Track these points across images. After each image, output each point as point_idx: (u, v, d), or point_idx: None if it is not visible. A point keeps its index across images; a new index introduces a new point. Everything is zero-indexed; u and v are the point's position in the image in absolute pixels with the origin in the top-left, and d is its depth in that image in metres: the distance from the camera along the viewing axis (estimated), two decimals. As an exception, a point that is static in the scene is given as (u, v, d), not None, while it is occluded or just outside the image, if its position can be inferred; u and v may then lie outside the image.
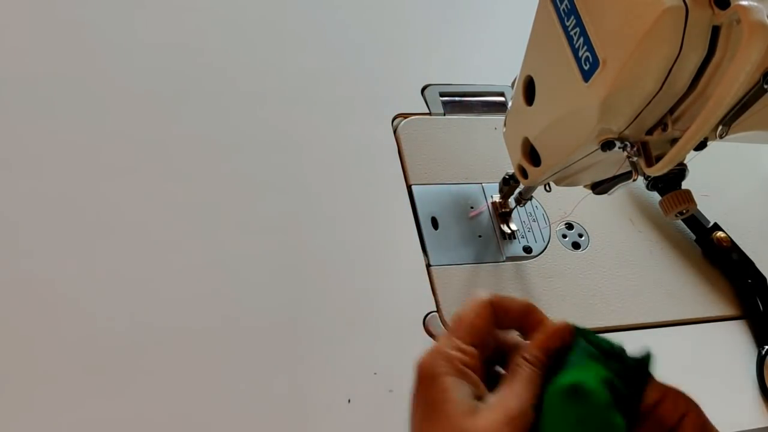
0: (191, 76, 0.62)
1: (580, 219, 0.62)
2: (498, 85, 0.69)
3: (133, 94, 0.59)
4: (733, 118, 0.39)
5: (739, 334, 0.59)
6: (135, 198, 0.52)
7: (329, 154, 0.60)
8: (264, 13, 0.69)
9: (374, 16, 0.72)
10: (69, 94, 0.57)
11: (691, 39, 0.34)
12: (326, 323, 0.51)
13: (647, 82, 0.36)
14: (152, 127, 0.57)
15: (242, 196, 0.55)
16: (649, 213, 0.64)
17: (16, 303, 0.47)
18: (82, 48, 0.60)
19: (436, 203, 0.59)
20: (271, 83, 0.63)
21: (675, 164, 0.38)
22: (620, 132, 0.40)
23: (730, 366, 0.56)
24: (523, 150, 0.49)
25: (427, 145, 0.63)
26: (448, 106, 0.66)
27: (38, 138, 0.54)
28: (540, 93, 0.45)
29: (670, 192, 0.42)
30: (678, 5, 0.33)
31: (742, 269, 0.61)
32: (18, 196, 0.51)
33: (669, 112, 0.38)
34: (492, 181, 0.62)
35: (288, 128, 0.61)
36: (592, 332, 0.37)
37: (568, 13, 0.39)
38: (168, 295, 0.50)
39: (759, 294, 0.60)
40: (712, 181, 0.67)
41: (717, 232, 0.62)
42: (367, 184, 0.59)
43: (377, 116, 0.64)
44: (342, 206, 0.57)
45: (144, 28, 0.64)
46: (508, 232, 0.59)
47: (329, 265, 0.54)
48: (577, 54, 0.39)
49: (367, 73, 0.67)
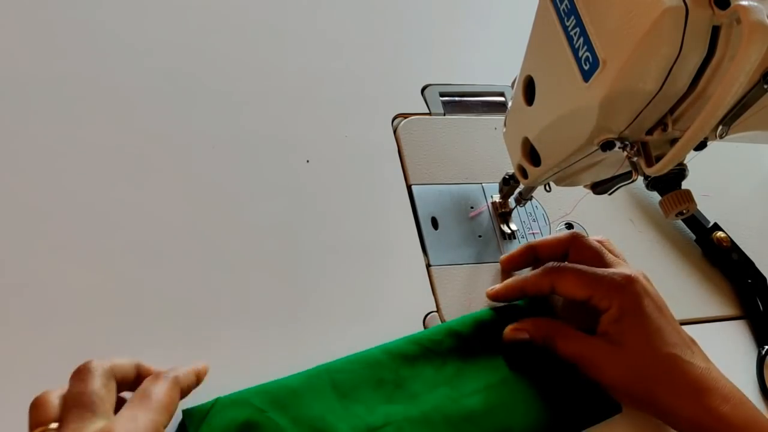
0: (191, 76, 0.62)
1: (580, 219, 0.62)
2: (498, 85, 0.69)
3: (132, 94, 0.59)
4: (733, 118, 0.39)
5: (739, 334, 0.59)
6: (135, 198, 0.52)
7: (329, 154, 0.60)
8: (264, 13, 0.69)
9: (374, 16, 0.72)
10: (68, 94, 0.57)
11: (691, 39, 0.34)
12: (326, 323, 0.51)
13: (647, 82, 0.36)
14: (152, 127, 0.57)
15: (242, 196, 0.55)
16: (649, 213, 0.64)
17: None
18: (83, 48, 0.60)
19: (436, 203, 0.59)
20: (271, 83, 0.63)
21: (675, 164, 0.38)
22: (620, 132, 0.40)
23: (730, 366, 0.56)
24: (523, 150, 0.49)
25: (427, 145, 0.63)
26: (448, 106, 0.66)
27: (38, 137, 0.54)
28: (540, 93, 0.45)
29: (670, 192, 0.42)
30: (678, 5, 0.33)
31: (742, 269, 0.61)
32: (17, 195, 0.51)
33: (669, 112, 0.38)
34: (492, 181, 0.62)
35: (288, 128, 0.61)
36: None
37: (568, 13, 0.39)
38: (166, 296, 0.50)
39: (759, 294, 0.60)
40: (712, 181, 0.67)
41: (717, 232, 0.62)
42: (367, 184, 0.59)
43: (377, 116, 0.64)
44: (342, 206, 0.57)
45: (144, 28, 0.64)
46: (508, 232, 0.59)
47: (329, 264, 0.54)
48: (577, 54, 0.39)
49: (367, 73, 0.67)
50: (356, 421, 0.45)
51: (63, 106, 0.56)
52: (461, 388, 0.48)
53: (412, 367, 0.48)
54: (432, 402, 0.47)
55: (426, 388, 0.48)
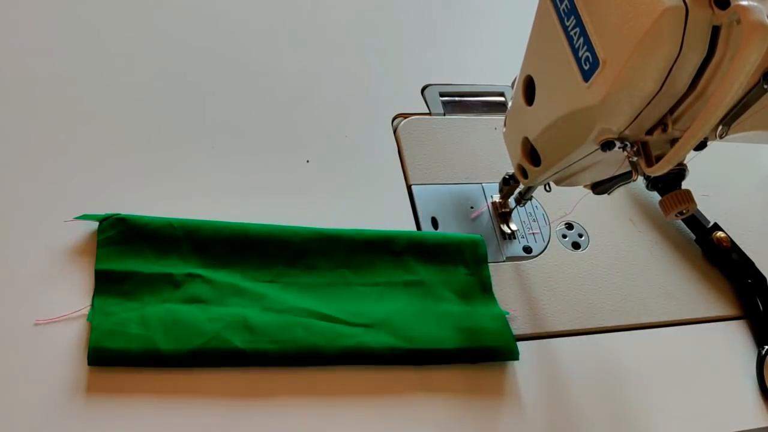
0: (191, 76, 0.62)
1: (580, 219, 0.62)
2: (498, 85, 0.69)
3: (133, 94, 0.59)
4: (733, 118, 0.39)
5: (739, 334, 0.59)
6: (134, 198, 0.52)
7: (329, 154, 0.60)
8: (264, 13, 0.69)
9: (374, 16, 0.72)
10: (67, 93, 0.57)
11: (691, 39, 0.34)
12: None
13: (647, 82, 0.36)
14: (151, 127, 0.57)
15: (242, 196, 0.55)
16: (649, 213, 0.64)
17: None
18: (82, 48, 0.60)
19: (436, 203, 0.59)
20: (272, 83, 0.63)
21: (675, 164, 0.38)
22: (620, 132, 0.40)
23: (730, 366, 0.56)
24: (523, 150, 0.49)
25: (427, 145, 0.63)
26: (448, 106, 0.66)
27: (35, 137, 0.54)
28: (540, 93, 0.45)
29: (670, 192, 0.42)
30: (678, 5, 0.33)
31: (742, 269, 0.61)
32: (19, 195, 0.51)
33: (669, 112, 0.38)
34: (492, 181, 0.62)
35: (288, 128, 0.61)
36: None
37: (568, 13, 0.39)
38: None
39: (759, 294, 0.60)
40: (712, 181, 0.67)
41: (717, 232, 0.62)
42: (367, 184, 0.59)
43: (377, 116, 0.64)
44: (342, 206, 0.57)
45: (145, 28, 0.64)
46: (508, 232, 0.59)
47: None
48: (577, 54, 0.39)
49: (367, 73, 0.67)
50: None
51: (61, 106, 0.56)
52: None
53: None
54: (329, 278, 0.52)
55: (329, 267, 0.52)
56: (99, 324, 0.45)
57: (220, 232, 0.51)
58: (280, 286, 0.50)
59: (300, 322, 0.48)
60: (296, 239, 0.52)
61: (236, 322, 0.47)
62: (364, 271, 0.53)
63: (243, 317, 0.47)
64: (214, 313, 0.47)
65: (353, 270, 0.52)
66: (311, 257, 0.52)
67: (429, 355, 0.49)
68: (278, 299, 0.49)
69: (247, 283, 0.49)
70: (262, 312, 0.48)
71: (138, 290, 0.47)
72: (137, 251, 0.49)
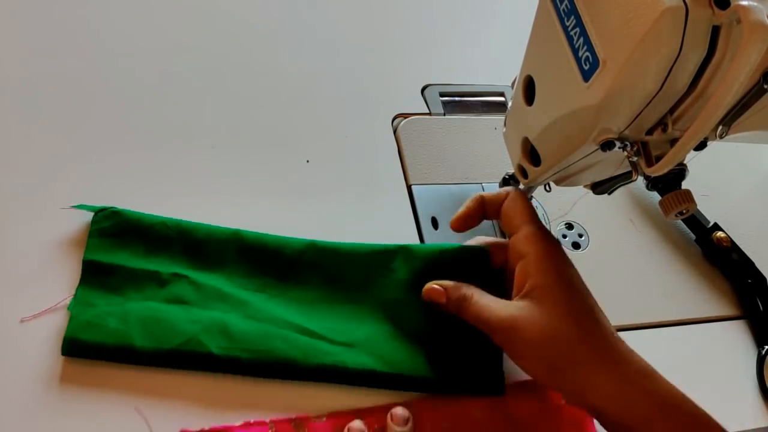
0: (191, 76, 0.62)
1: (580, 219, 0.62)
2: (498, 85, 0.69)
3: (133, 94, 0.59)
4: (733, 118, 0.39)
5: (739, 334, 0.59)
6: (134, 198, 0.52)
7: (329, 154, 0.60)
8: (264, 13, 0.69)
9: (374, 17, 0.72)
10: (66, 93, 0.57)
11: (691, 39, 0.34)
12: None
13: (647, 82, 0.36)
14: (151, 126, 0.57)
15: (242, 196, 0.55)
16: (649, 213, 0.64)
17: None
18: (82, 48, 0.60)
19: (436, 203, 0.59)
20: (272, 83, 0.63)
21: (675, 164, 0.38)
22: (620, 132, 0.40)
23: (730, 366, 0.56)
24: (523, 150, 0.49)
25: (427, 145, 0.63)
26: (448, 106, 0.66)
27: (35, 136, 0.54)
28: (540, 93, 0.45)
29: (670, 192, 0.42)
30: (678, 5, 0.33)
31: (742, 269, 0.61)
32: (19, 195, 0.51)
33: (669, 112, 0.38)
34: (492, 181, 0.62)
35: (288, 128, 0.61)
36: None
37: (568, 13, 0.39)
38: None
39: (759, 294, 0.60)
40: (712, 181, 0.67)
41: (717, 232, 0.62)
42: (367, 184, 0.59)
43: (377, 116, 0.64)
44: (342, 206, 0.57)
45: (145, 27, 0.64)
46: (508, 232, 0.59)
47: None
48: (577, 54, 0.39)
49: (367, 73, 0.67)
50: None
51: (61, 106, 0.56)
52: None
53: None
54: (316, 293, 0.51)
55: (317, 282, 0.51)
56: (77, 314, 0.45)
57: (213, 235, 0.51)
58: (265, 297, 0.49)
59: (280, 333, 0.47)
60: (288, 251, 0.51)
61: (215, 326, 0.46)
62: (356, 288, 0.51)
63: (223, 322, 0.46)
64: (194, 315, 0.46)
65: (344, 286, 0.51)
66: (302, 270, 0.51)
67: (408, 381, 0.47)
68: (261, 308, 0.48)
69: (232, 289, 0.49)
70: (243, 319, 0.47)
71: (123, 285, 0.47)
72: (127, 246, 0.49)
